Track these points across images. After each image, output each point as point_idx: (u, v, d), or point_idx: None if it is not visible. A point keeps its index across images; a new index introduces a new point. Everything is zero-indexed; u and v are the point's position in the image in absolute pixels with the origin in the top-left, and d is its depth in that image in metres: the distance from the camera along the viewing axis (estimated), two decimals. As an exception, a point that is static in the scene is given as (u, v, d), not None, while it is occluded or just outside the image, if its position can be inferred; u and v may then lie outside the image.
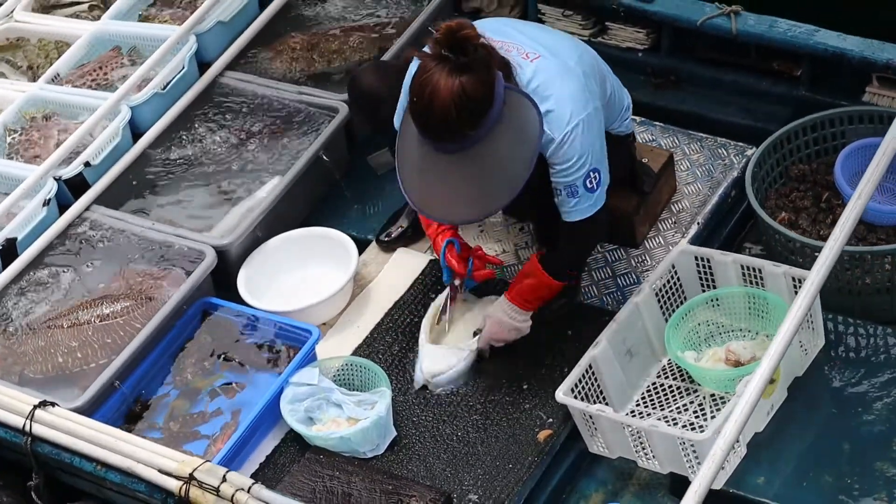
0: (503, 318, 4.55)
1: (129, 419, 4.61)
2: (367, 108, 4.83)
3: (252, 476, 4.41)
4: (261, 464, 4.48)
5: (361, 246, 5.06)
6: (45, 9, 6.06)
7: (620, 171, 4.46)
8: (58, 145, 5.30)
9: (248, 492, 4.03)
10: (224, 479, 4.06)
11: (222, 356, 4.73)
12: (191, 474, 4.09)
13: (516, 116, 4.08)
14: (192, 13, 5.68)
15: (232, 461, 4.38)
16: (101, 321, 4.74)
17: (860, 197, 4.09)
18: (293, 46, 5.61)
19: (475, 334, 4.63)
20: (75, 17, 5.99)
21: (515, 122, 4.07)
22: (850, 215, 4.09)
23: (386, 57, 5.39)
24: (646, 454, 4.32)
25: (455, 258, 4.63)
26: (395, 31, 5.63)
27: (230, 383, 4.64)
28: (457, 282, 4.68)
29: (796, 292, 4.42)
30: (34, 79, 5.74)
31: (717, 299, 4.57)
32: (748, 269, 4.53)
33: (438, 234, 4.65)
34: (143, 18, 5.87)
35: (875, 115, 4.93)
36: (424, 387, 4.61)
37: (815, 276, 4.03)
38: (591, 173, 4.26)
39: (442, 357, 4.61)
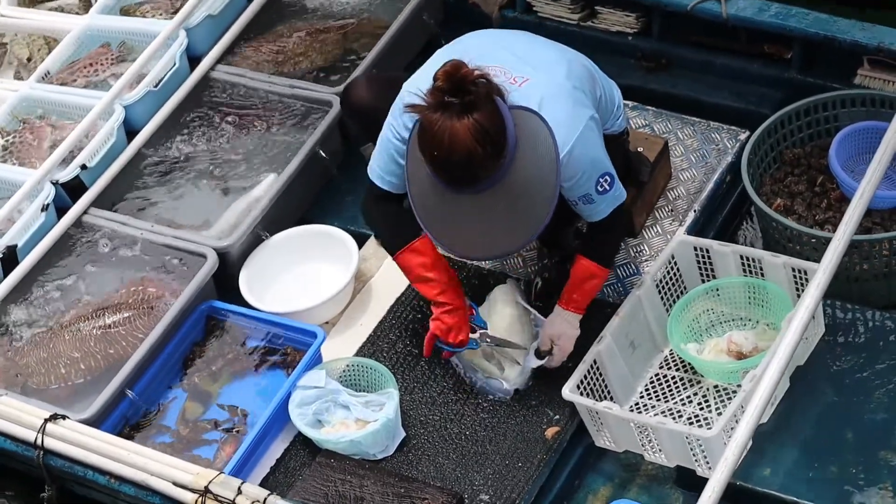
0: (570, 330, 4.52)
1: (138, 426, 4.63)
2: (361, 120, 4.81)
3: (263, 481, 4.45)
4: (271, 468, 4.50)
5: (360, 240, 5.07)
6: (32, 2, 6.02)
7: (616, 168, 4.47)
8: (52, 147, 5.31)
9: (264, 503, 4.06)
10: (239, 492, 4.10)
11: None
12: (206, 487, 4.12)
13: (526, 130, 4.08)
14: (171, 2, 5.68)
15: (243, 468, 4.41)
16: (102, 331, 4.75)
17: (863, 195, 4.11)
18: (258, 50, 5.61)
19: (539, 356, 4.55)
20: (60, 11, 5.96)
21: (528, 135, 4.07)
22: (854, 213, 4.10)
23: (370, 58, 5.40)
24: (652, 448, 4.37)
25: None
26: (361, 30, 5.64)
27: (232, 429, 4.63)
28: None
29: (796, 283, 4.49)
30: (21, 74, 5.73)
31: (717, 289, 4.61)
32: (747, 259, 4.57)
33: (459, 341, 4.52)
34: (124, 11, 5.84)
35: (867, 98, 4.96)
36: (430, 384, 4.64)
37: (821, 275, 4.04)
38: (600, 179, 4.28)
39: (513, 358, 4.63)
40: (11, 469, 4.63)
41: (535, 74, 4.26)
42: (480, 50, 4.31)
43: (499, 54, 4.30)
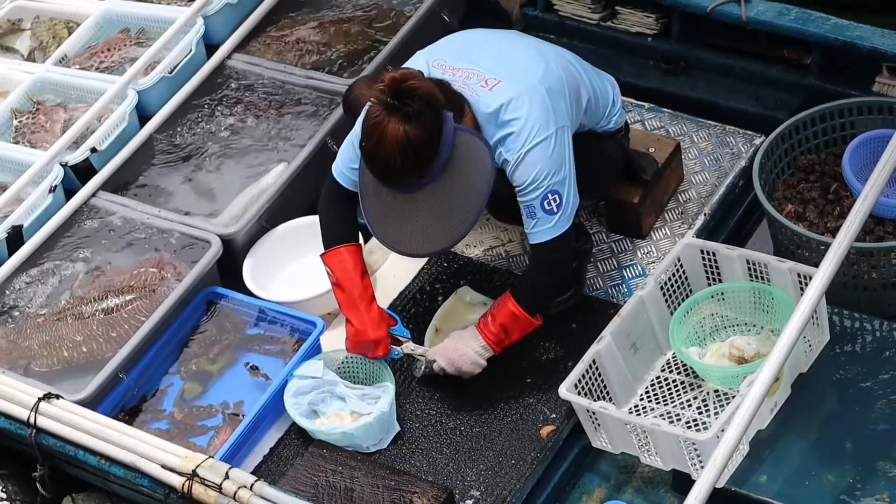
0: (465, 348, 4.48)
1: (134, 410, 4.62)
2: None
3: (255, 469, 4.44)
4: (264, 456, 4.50)
5: (367, 234, 5.04)
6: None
7: (613, 165, 4.43)
8: (64, 129, 5.31)
9: (251, 489, 4.05)
10: (227, 476, 4.09)
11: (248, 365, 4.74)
12: (194, 471, 4.11)
13: (467, 156, 4.14)
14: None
15: (235, 455, 4.41)
16: (105, 314, 4.74)
17: (866, 199, 4.06)
18: (279, 40, 5.59)
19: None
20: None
21: (466, 162, 4.14)
22: (857, 217, 4.06)
23: (385, 53, 5.38)
24: (648, 451, 4.32)
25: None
26: (386, 20, 5.61)
27: (256, 367, 4.66)
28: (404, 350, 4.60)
29: (802, 288, 4.43)
30: (41, 58, 5.75)
31: (722, 293, 4.55)
32: (754, 263, 4.51)
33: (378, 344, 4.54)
34: (142, -4, 5.87)
35: (885, 106, 4.89)
36: (428, 379, 4.61)
37: (821, 277, 4.01)
38: (550, 195, 4.26)
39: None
40: (8, 449, 4.63)
41: (509, 77, 4.30)
42: (461, 51, 4.40)
43: (476, 56, 4.37)
